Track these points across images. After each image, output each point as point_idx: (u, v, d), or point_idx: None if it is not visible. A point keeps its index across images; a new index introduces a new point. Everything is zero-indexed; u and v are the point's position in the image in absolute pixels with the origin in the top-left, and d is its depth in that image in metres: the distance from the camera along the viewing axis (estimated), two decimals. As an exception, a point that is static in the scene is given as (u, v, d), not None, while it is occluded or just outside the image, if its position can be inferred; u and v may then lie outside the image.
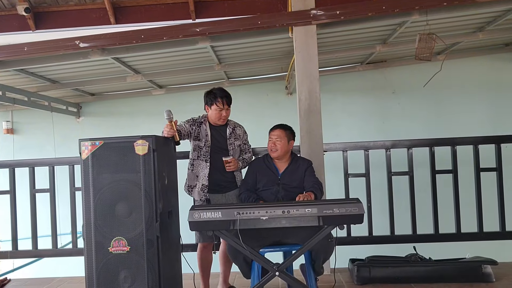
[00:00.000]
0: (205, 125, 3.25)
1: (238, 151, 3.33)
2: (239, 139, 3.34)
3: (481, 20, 5.44)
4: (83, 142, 2.60)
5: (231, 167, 3.21)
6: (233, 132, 3.31)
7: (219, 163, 3.21)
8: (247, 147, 3.45)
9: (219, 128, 3.28)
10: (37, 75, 5.91)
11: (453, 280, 3.31)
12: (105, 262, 2.56)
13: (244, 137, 3.42)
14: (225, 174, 3.24)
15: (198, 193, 3.21)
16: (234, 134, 3.31)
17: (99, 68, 5.88)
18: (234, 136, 3.31)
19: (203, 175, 3.19)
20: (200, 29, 4.13)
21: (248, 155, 3.44)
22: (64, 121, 7.71)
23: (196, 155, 3.23)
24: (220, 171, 3.22)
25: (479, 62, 7.19)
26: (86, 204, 2.59)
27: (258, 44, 5.47)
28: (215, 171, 3.21)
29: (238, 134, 3.34)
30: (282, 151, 3.16)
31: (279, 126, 3.25)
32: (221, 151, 3.24)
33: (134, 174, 2.58)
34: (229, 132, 3.29)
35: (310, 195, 2.92)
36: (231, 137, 3.29)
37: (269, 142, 3.21)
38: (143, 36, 4.16)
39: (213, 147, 3.23)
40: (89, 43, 4.22)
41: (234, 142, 3.29)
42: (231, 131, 3.30)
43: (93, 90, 7.60)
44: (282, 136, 3.16)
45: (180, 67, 6.31)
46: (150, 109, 7.60)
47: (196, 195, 3.22)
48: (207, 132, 3.23)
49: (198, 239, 3.24)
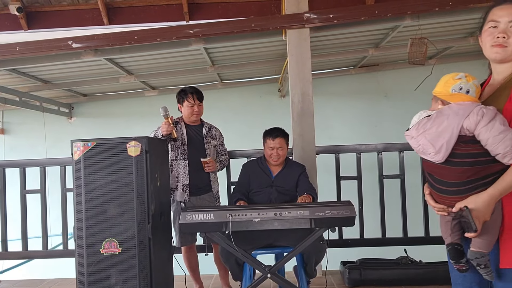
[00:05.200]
0: (180, 124, 3.29)
1: (214, 152, 3.37)
2: (215, 139, 3.39)
3: (472, 25, 5.50)
4: (75, 143, 2.59)
5: (209, 167, 3.24)
6: (209, 132, 3.37)
7: (197, 164, 3.24)
8: (223, 149, 3.50)
9: (195, 127, 3.33)
10: (29, 75, 5.87)
11: (443, 283, 3.33)
12: (96, 263, 2.55)
13: (221, 138, 3.47)
14: (202, 175, 3.27)
15: (180, 194, 3.22)
16: (210, 134, 3.37)
17: (92, 69, 5.85)
18: (210, 135, 3.36)
19: (183, 175, 3.22)
20: (194, 31, 4.13)
21: (225, 157, 3.50)
22: (55, 121, 7.66)
23: (174, 155, 3.25)
24: (198, 172, 3.25)
25: (470, 66, 7.19)
26: (77, 205, 2.58)
27: (251, 46, 5.49)
28: (193, 171, 3.24)
29: (214, 134, 3.40)
30: (284, 158, 3.18)
31: (279, 134, 3.16)
32: (198, 151, 3.27)
33: (126, 175, 2.57)
34: (205, 131, 3.33)
35: (309, 197, 2.96)
36: (207, 136, 3.33)
37: (270, 150, 3.13)
38: (137, 37, 4.15)
39: (190, 146, 3.26)
40: (82, 43, 4.20)
41: (210, 142, 3.34)
42: (207, 130, 3.35)
43: (85, 91, 7.56)
44: (284, 145, 3.16)
45: (173, 68, 6.30)
46: (143, 110, 7.58)
47: (179, 197, 3.23)
48: (182, 131, 3.27)
49: (178, 243, 3.25)
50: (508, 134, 1.43)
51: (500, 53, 1.56)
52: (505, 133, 1.43)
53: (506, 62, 1.58)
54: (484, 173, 1.47)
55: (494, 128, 1.43)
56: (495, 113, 1.47)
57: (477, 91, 1.57)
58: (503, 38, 1.54)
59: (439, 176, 1.56)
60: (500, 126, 1.44)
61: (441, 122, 1.51)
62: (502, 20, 1.56)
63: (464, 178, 1.48)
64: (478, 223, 1.44)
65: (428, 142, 1.53)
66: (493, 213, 1.48)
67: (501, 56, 1.56)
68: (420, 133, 1.57)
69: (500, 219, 1.51)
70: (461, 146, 1.48)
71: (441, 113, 1.54)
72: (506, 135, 1.43)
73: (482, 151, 1.47)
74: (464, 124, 1.47)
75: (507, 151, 1.43)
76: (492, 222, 1.48)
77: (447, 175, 1.52)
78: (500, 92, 1.57)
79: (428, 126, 1.55)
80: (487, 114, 1.45)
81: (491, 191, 1.45)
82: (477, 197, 1.46)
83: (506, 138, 1.43)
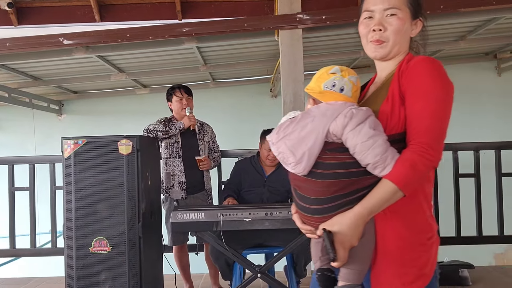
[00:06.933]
0: (174, 122, 3.30)
1: (207, 148, 3.37)
2: (207, 135, 3.42)
3: (463, 29, 5.56)
4: (66, 141, 2.57)
5: (204, 165, 3.25)
6: (202, 128, 3.39)
7: (191, 162, 3.24)
8: (216, 146, 3.52)
9: None
10: (19, 71, 5.80)
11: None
12: (85, 262, 2.54)
13: (213, 135, 3.50)
14: (196, 173, 3.28)
15: (177, 192, 3.22)
16: (202, 130, 3.39)
17: (83, 66, 5.80)
18: (203, 132, 3.38)
19: (178, 172, 3.22)
20: (186, 30, 4.12)
21: (218, 154, 3.51)
22: (45, 118, 7.58)
23: (168, 153, 3.25)
24: (192, 169, 3.25)
25: (460, 70, 7.34)
26: (67, 203, 2.56)
27: (244, 46, 5.48)
28: (188, 168, 3.25)
29: (206, 130, 3.42)
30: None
31: None
32: (191, 147, 3.28)
33: (117, 173, 2.56)
34: (197, 128, 3.34)
35: None
36: (200, 133, 3.35)
37: (267, 151, 3.09)
38: (129, 35, 4.13)
39: (184, 143, 3.27)
40: (73, 40, 4.17)
41: (203, 138, 3.36)
42: (199, 127, 3.37)
43: (76, 88, 7.50)
44: None
45: (165, 67, 6.28)
46: (134, 108, 7.54)
47: (175, 195, 3.23)
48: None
49: (170, 242, 3.25)
50: (378, 140, 1.17)
51: (380, 51, 1.32)
52: (375, 139, 1.17)
53: (388, 59, 1.35)
54: (353, 188, 1.19)
55: (362, 133, 1.17)
56: (367, 115, 1.21)
57: (354, 89, 1.30)
58: (380, 31, 1.29)
59: (302, 191, 1.27)
60: (369, 130, 1.18)
61: (304, 126, 1.23)
62: (377, 9, 1.30)
63: (328, 194, 1.20)
64: (343, 249, 1.18)
65: (288, 150, 1.24)
66: (363, 237, 1.21)
67: (381, 54, 1.33)
68: (280, 138, 1.26)
69: (372, 244, 1.24)
70: (327, 155, 1.21)
71: (307, 114, 1.27)
72: (375, 141, 1.17)
73: (351, 161, 1.20)
74: (331, 127, 1.21)
75: (377, 160, 1.17)
76: (361, 247, 1.22)
77: (310, 189, 1.24)
78: (379, 92, 1.34)
79: (289, 130, 1.25)
80: (356, 116, 1.20)
81: (358, 209, 1.18)
82: (342, 218, 1.19)
83: (375, 145, 1.17)
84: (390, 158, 1.17)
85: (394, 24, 1.29)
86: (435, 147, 1.19)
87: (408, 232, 1.23)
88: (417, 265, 1.22)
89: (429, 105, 1.20)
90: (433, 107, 1.20)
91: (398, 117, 1.23)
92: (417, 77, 1.22)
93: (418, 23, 1.36)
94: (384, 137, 1.19)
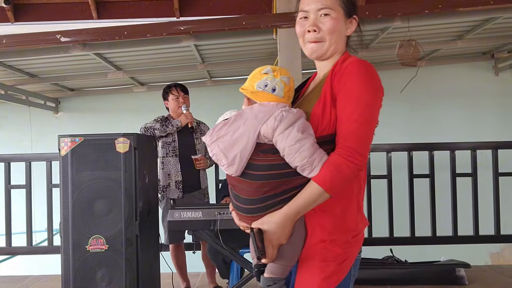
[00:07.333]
0: (171, 120, 3.30)
1: (204, 147, 3.38)
2: (204, 134, 3.38)
3: (461, 28, 5.57)
4: (63, 139, 2.56)
5: (201, 164, 3.26)
6: (199, 127, 3.40)
7: (187, 161, 3.23)
8: None
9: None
10: (15, 68, 5.78)
11: (427, 283, 3.37)
12: (82, 260, 2.52)
13: None
14: (193, 172, 3.28)
15: (173, 191, 3.22)
16: (199, 129, 3.40)
17: (80, 63, 5.78)
18: (199, 131, 3.39)
19: (175, 171, 3.22)
20: (184, 28, 4.11)
21: None
22: (41, 116, 7.55)
23: (165, 152, 3.25)
24: (189, 168, 3.25)
25: (458, 69, 7.36)
26: (64, 202, 2.55)
27: (242, 44, 5.48)
28: (185, 167, 3.25)
29: (203, 129, 3.43)
30: None
31: None
32: (188, 147, 3.28)
33: (114, 172, 2.55)
34: (195, 125, 3.34)
35: None
36: (196, 132, 3.36)
37: None
38: (126, 32, 4.11)
39: (181, 142, 3.27)
40: (71, 37, 4.15)
41: (200, 137, 3.36)
42: (196, 126, 3.37)
43: (72, 85, 7.47)
44: None
45: (162, 65, 6.26)
46: (131, 106, 7.51)
47: (172, 194, 3.22)
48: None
49: (166, 241, 3.26)
50: (306, 143, 1.20)
51: (316, 51, 1.33)
52: (302, 142, 1.19)
53: (325, 59, 1.36)
54: (284, 188, 1.23)
55: (290, 137, 1.19)
56: (297, 117, 1.23)
57: (287, 90, 1.30)
58: (314, 31, 1.30)
59: (237, 191, 1.31)
60: (297, 134, 1.20)
61: (237, 128, 1.25)
62: (310, 9, 1.31)
63: (260, 194, 1.24)
64: (272, 247, 1.23)
65: (221, 152, 1.25)
66: (292, 235, 1.25)
67: (318, 54, 1.34)
68: (213, 140, 1.28)
69: (301, 242, 1.29)
70: (260, 156, 1.23)
71: (240, 115, 1.29)
72: (303, 144, 1.19)
73: (282, 162, 1.22)
74: (262, 130, 1.22)
75: (304, 163, 1.19)
76: (290, 245, 1.26)
77: (243, 190, 1.27)
78: (313, 92, 1.35)
79: (222, 133, 1.26)
80: (286, 119, 1.21)
81: (286, 210, 1.22)
82: (271, 217, 1.23)
83: (303, 148, 1.19)
84: (317, 161, 1.20)
85: (328, 24, 1.30)
86: (360, 151, 1.24)
87: (335, 230, 1.28)
88: (338, 260, 1.29)
89: (357, 110, 1.23)
90: (360, 111, 1.24)
91: (329, 119, 1.26)
92: (348, 80, 1.25)
93: (353, 22, 1.37)
94: (312, 141, 1.22)
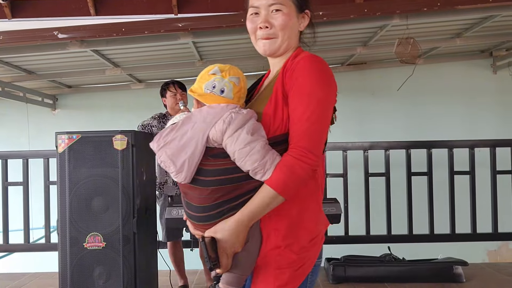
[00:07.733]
0: (168, 117, 3.31)
1: None
2: None
3: (459, 26, 5.56)
4: (60, 135, 2.55)
5: None
6: None
7: None
8: None
9: None
10: (13, 65, 5.74)
11: (425, 280, 3.38)
12: (79, 258, 2.52)
13: None
14: None
15: (171, 188, 3.22)
16: None
17: (78, 60, 5.75)
18: None
19: None
20: (183, 24, 4.10)
21: None
22: (39, 113, 7.51)
23: None
24: None
25: (456, 67, 7.35)
26: (61, 199, 2.54)
27: (240, 41, 5.45)
28: None
29: None
30: None
31: None
32: None
33: (112, 169, 2.54)
34: None
35: None
36: None
37: None
38: (124, 29, 4.09)
39: None
40: (68, 34, 4.13)
41: None
42: None
43: (70, 82, 7.44)
44: None
45: (160, 62, 6.24)
46: (129, 103, 7.49)
47: (169, 190, 3.23)
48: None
49: (164, 238, 3.26)
50: (256, 146, 1.14)
51: (268, 47, 1.28)
52: (252, 145, 1.13)
53: (278, 56, 1.31)
54: (236, 193, 1.17)
55: (239, 139, 1.14)
56: (247, 119, 1.17)
57: (236, 90, 1.24)
58: (266, 28, 1.25)
59: (188, 199, 1.24)
60: (246, 136, 1.14)
61: (185, 133, 1.18)
62: (261, 4, 1.25)
63: (211, 201, 1.17)
64: (226, 256, 1.16)
65: (169, 159, 1.19)
66: (247, 243, 1.19)
67: (270, 51, 1.29)
68: (160, 147, 1.21)
69: (257, 249, 1.22)
70: (210, 161, 1.17)
71: (188, 119, 1.21)
72: (253, 147, 1.13)
73: (234, 166, 1.16)
74: (210, 134, 1.17)
75: (256, 166, 1.14)
76: (245, 253, 1.20)
77: (194, 197, 1.21)
78: (265, 91, 1.31)
79: (169, 138, 1.20)
80: (235, 121, 1.15)
81: (239, 216, 1.16)
82: (223, 224, 1.17)
83: (253, 151, 1.13)
84: (269, 163, 1.15)
85: (280, 20, 1.26)
86: (313, 150, 1.17)
87: (291, 234, 1.21)
88: (293, 267, 1.22)
89: (309, 107, 1.17)
90: (313, 109, 1.17)
91: (282, 118, 1.20)
92: (300, 76, 1.19)
93: (305, 17, 1.34)
94: (263, 142, 1.16)
